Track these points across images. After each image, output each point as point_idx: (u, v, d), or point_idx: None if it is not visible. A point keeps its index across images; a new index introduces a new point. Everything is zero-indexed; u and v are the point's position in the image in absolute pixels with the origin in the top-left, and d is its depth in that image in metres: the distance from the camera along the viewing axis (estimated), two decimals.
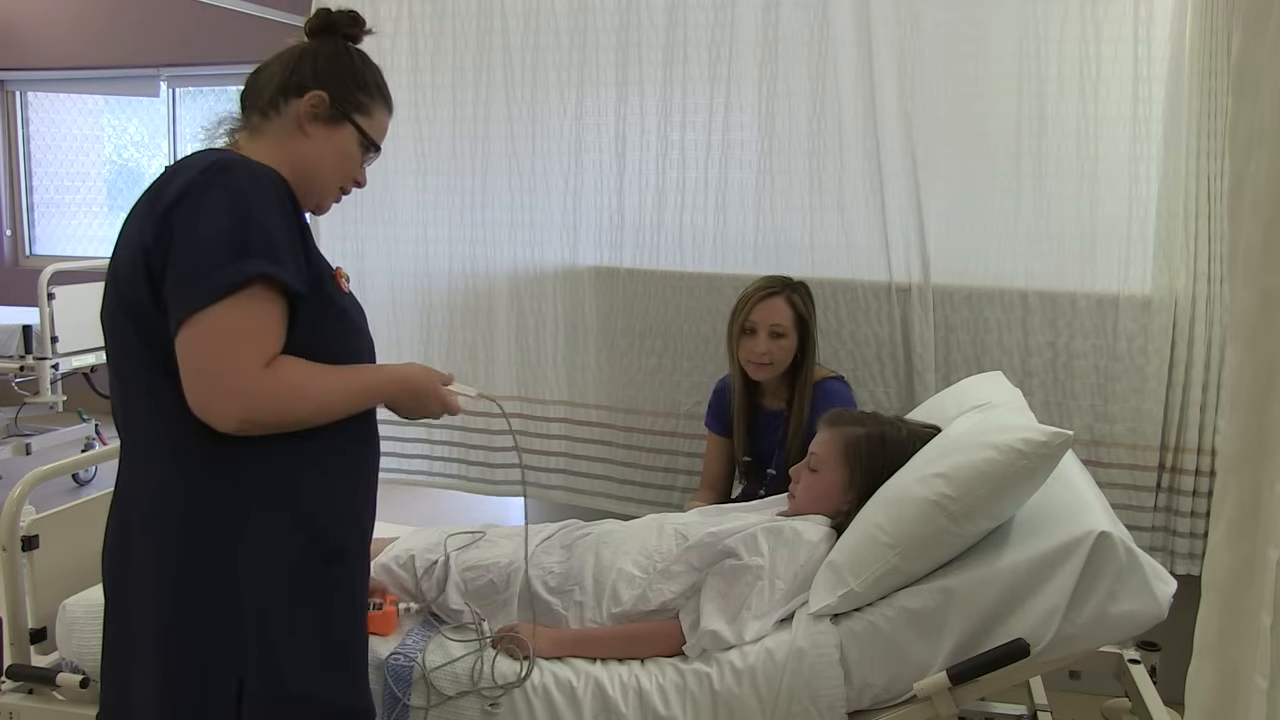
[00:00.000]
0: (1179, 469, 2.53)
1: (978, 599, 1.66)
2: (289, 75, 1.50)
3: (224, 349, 1.31)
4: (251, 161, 1.41)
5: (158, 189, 1.40)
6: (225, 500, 1.38)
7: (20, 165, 6.44)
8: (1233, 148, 0.96)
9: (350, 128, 1.53)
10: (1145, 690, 1.98)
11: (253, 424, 1.34)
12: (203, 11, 4.85)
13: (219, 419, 1.33)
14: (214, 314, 1.31)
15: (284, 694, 1.40)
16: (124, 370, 1.43)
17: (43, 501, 2.26)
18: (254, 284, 1.32)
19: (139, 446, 1.43)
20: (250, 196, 1.35)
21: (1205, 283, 2.46)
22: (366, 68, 1.57)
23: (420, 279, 3.12)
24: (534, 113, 2.97)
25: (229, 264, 1.31)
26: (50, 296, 4.25)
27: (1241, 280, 0.93)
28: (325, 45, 1.54)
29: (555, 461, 3.08)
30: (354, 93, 1.53)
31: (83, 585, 2.01)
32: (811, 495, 1.95)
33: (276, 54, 1.55)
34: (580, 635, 1.81)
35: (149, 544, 1.40)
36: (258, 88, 1.52)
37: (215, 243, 1.32)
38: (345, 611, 1.50)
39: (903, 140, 2.64)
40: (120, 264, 1.40)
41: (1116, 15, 2.49)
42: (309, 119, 1.50)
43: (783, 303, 2.39)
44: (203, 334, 1.31)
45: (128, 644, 1.44)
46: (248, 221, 1.33)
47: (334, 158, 1.53)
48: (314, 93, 1.49)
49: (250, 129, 1.51)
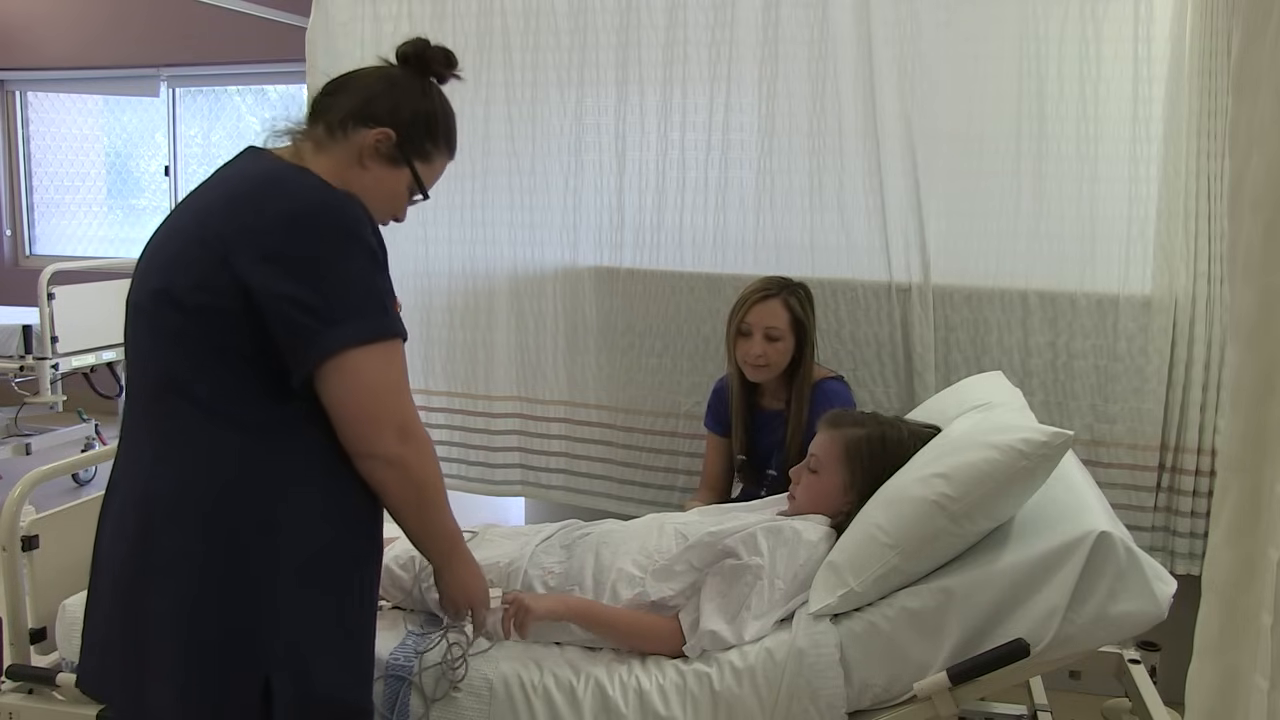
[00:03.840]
0: (1179, 469, 2.53)
1: (978, 599, 1.66)
2: (366, 103, 1.50)
3: (390, 391, 1.40)
4: (346, 194, 1.43)
5: (242, 194, 1.40)
6: (255, 501, 1.38)
7: (20, 165, 6.44)
8: (1233, 148, 0.96)
9: (407, 172, 1.54)
10: (1145, 690, 1.99)
11: (404, 466, 1.41)
12: (203, 11, 4.85)
13: (382, 455, 1.40)
14: (372, 356, 1.37)
15: (311, 693, 1.39)
16: (158, 365, 1.41)
17: (43, 501, 2.26)
18: (399, 338, 1.42)
19: (167, 443, 1.41)
20: (368, 237, 1.40)
21: (1205, 283, 2.46)
22: (442, 115, 1.57)
23: (420, 279, 3.12)
24: (534, 112, 2.97)
25: (382, 311, 1.40)
26: (50, 296, 4.25)
27: (1241, 280, 0.93)
28: (411, 80, 1.54)
29: (555, 461, 3.08)
30: (422, 140, 1.54)
31: (83, 585, 1.98)
32: (812, 496, 1.95)
33: (361, 70, 1.55)
34: (587, 603, 1.81)
35: (175, 544, 1.38)
36: (332, 101, 1.52)
37: (359, 284, 1.38)
38: (362, 612, 1.51)
39: (903, 140, 2.64)
40: (179, 258, 1.39)
41: (1116, 15, 2.48)
42: (370, 154, 1.50)
43: (779, 305, 2.39)
44: (363, 375, 1.37)
45: (141, 649, 1.40)
46: (378, 267, 1.41)
47: (383, 197, 1.54)
48: (384, 130, 1.49)
49: (314, 141, 1.51)
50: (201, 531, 1.37)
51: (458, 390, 3.15)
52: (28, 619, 1.98)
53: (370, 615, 1.54)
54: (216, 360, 1.36)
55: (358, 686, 1.50)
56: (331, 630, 1.43)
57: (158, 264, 1.42)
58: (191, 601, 1.36)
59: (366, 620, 1.53)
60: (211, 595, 1.36)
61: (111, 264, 4.98)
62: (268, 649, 1.37)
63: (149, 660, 1.39)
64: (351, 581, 1.47)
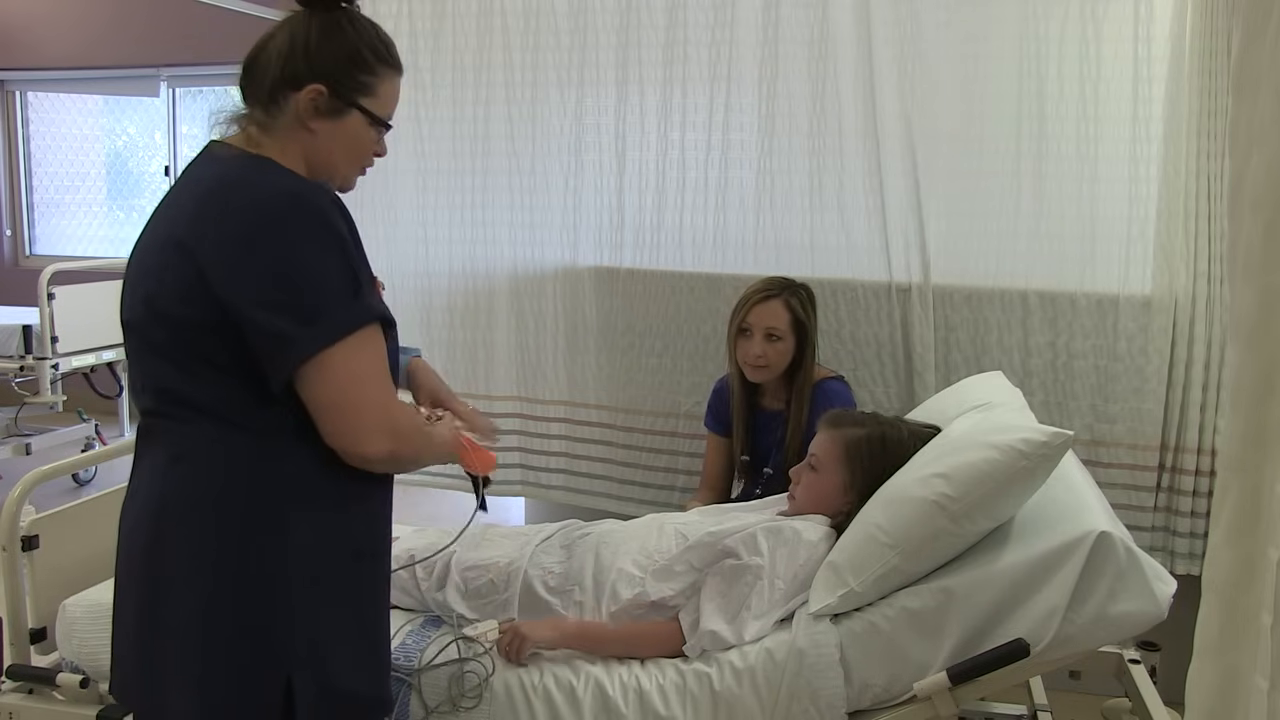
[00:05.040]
0: (1179, 469, 2.53)
1: (978, 599, 1.66)
2: (283, 66, 1.41)
3: (368, 385, 1.36)
4: (303, 179, 1.40)
5: (207, 197, 1.37)
6: (264, 502, 1.37)
7: (20, 165, 6.43)
8: (1233, 148, 0.96)
9: (357, 114, 1.45)
10: (1145, 690, 1.99)
11: (395, 456, 1.39)
12: (203, 12, 4.84)
13: (365, 450, 1.36)
14: (345, 351, 1.33)
15: (333, 689, 1.39)
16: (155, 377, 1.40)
17: (43, 501, 2.26)
18: (375, 322, 1.37)
19: (176, 449, 1.40)
20: (337, 225, 1.36)
21: (1205, 283, 2.46)
22: (363, 39, 1.45)
23: (420, 279, 3.12)
24: (534, 112, 2.97)
25: (352, 302, 1.35)
26: (50, 296, 4.25)
27: (1241, 280, 0.93)
28: (315, 21, 1.44)
29: (555, 461, 3.08)
30: (353, 76, 1.44)
31: (83, 585, 2.01)
32: (812, 496, 1.95)
33: (268, 33, 1.46)
34: (583, 626, 1.81)
35: (188, 546, 1.37)
36: (256, 77, 1.45)
37: (329, 280, 1.34)
38: (376, 605, 1.50)
39: (903, 140, 2.64)
40: (159, 270, 1.37)
41: (1116, 15, 2.48)
42: (311, 115, 1.42)
43: (780, 306, 2.39)
44: (342, 370, 1.33)
45: (162, 654, 1.39)
46: (347, 253, 1.36)
47: (344, 147, 1.47)
48: (311, 86, 1.41)
49: (257, 124, 1.45)
50: (213, 532, 1.36)
51: (457, 390, 3.11)
52: (28, 619, 1.98)
53: (384, 609, 1.54)
54: (208, 369, 1.35)
55: (377, 680, 1.49)
56: (347, 626, 1.43)
57: (140, 276, 1.41)
58: (207, 600, 1.36)
59: (380, 615, 1.52)
60: (226, 595, 1.36)
61: (111, 264, 4.97)
62: (287, 648, 1.36)
63: (169, 665, 1.38)
64: (364, 577, 1.47)
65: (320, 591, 1.39)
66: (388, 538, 1.55)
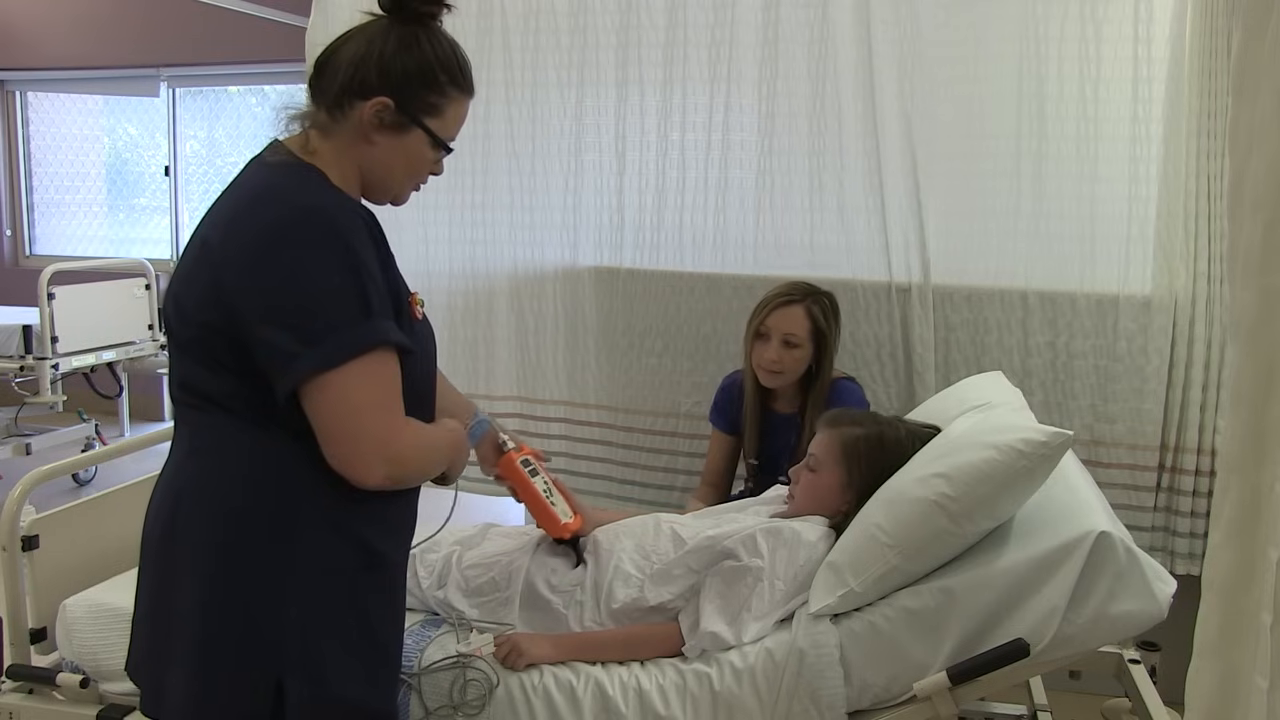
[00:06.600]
0: (1179, 469, 2.53)
1: (978, 599, 1.66)
2: (353, 73, 1.39)
3: (367, 413, 1.32)
4: (339, 194, 1.39)
5: (240, 206, 1.37)
6: (274, 501, 1.37)
7: (20, 165, 6.44)
8: (1233, 148, 0.96)
9: (419, 132, 1.44)
10: (1145, 690, 1.99)
11: (395, 481, 1.37)
12: (203, 12, 4.85)
13: (363, 478, 1.34)
14: (350, 374, 1.30)
15: (326, 694, 1.37)
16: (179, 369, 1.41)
17: (43, 501, 2.26)
18: (383, 347, 1.33)
19: (195, 439, 1.42)
20: (356, 245, 1.33)
21: (1205, 283, 2.46)
22: (439, 58, 1.43)
23: (420, 279, 3.11)
24: (534, 113, 2.96)
25: (362, 322, 1.32)
26: (50, 296, 4.25)
27: (1241, 280, 0.93)
28: (395, 32, 1.41)
29: (555, 462, 3.07)
30: (422, 94, 1.42)
31: (83, 585, 2.01)
32: (810, 495, 1.95)
33: (345, 35, 1.44)
34: (580, 639, 1.81)
35: (198, 535, 1.38)
36: (325, 79, 1.42)
37: (337, 300, 1.31)
38: (385, 615, 1.49)
39: (903, 140, 2.64)
40: (189, 274, 1.38)
41: (1116, 15, 2.48)
42: (373, 128, 1.40)
43: (801, 312, 2.35)
44: (341, 395, 1.30)
45: (166, 636, 1.40)
46: (363, 276, 1.33)
47: (403, 163, 1.46)
48: (378, 99, 1.39)
49: (319, 127, 1.43)
50: (222, 524, 1.37)
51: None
52: (28, 619, 1.98)
53: (394, 619, 1.52)
54: (225, 369, 1.36)
55: (381, 692, 1.48)
56: (351, 634, 1.41)
57: (177, 273, 1.42)
58: (207, 595, 1.36)
59: (390, 625, 1.51)
60: (230, 588, 1.36)
61: (111, 264, 4.99)
62: (280, 650, 1.36)
63: (172, 649, 1.39)
64: (373, 584, 1.45)
65: (323, 596, 1.39)
66: (403, 546, 1.53)
